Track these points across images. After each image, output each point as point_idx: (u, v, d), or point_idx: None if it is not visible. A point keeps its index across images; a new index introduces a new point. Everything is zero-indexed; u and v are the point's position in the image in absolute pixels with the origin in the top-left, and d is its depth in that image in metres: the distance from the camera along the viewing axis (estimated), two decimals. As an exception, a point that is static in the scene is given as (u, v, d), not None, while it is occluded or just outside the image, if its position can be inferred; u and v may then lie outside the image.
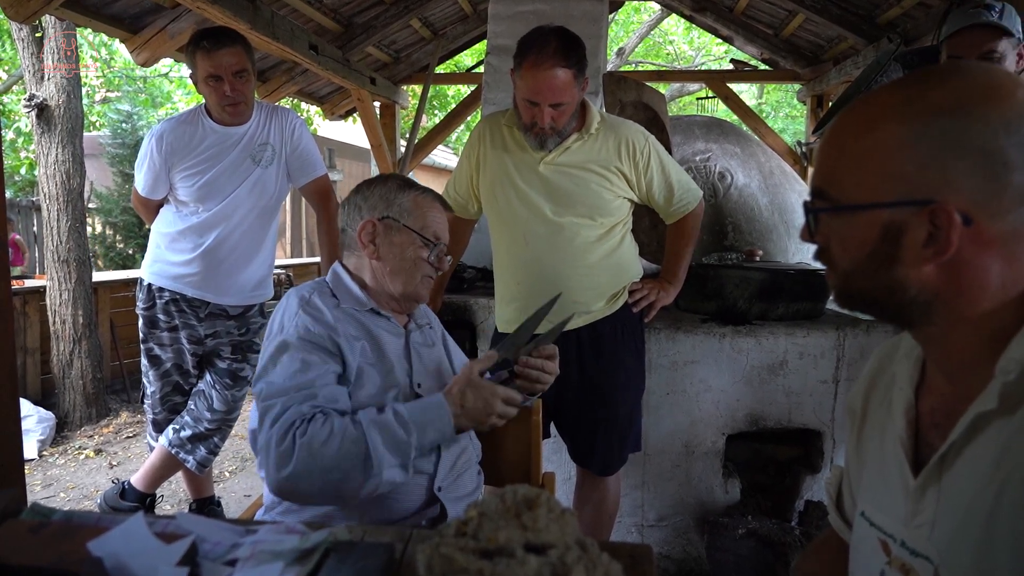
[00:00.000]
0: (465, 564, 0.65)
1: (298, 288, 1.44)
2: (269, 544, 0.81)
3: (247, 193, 2.44)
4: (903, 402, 0.80)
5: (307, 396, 1.26)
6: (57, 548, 0.79)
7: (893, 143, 0.69)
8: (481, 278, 2.92)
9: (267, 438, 1.24)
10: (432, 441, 1.31)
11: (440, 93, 10.42)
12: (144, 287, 2.53)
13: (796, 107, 12.81)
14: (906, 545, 0.76)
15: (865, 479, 0.86)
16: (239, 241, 2.48)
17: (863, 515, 0.84)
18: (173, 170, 2.42)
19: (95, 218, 8.40)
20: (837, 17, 4.20)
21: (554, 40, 1.81)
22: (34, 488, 3.57)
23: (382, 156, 5.68)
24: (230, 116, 2.38)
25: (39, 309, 4.77)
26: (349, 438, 1.23)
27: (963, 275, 0.68)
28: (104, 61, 10.60)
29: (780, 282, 2.47)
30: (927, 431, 0.78)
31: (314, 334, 1.32)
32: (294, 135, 2.51)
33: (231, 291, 2.52)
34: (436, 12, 5.13)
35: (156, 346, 2.52)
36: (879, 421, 0.85)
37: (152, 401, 2.57)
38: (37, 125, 4.45)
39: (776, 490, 2.58)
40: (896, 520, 0.78)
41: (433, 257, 1.47)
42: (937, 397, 0.78)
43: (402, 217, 1.45)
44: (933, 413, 0.77)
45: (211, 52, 2.28)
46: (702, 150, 3.55)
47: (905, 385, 0.81)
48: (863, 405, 0.90)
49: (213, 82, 2.31)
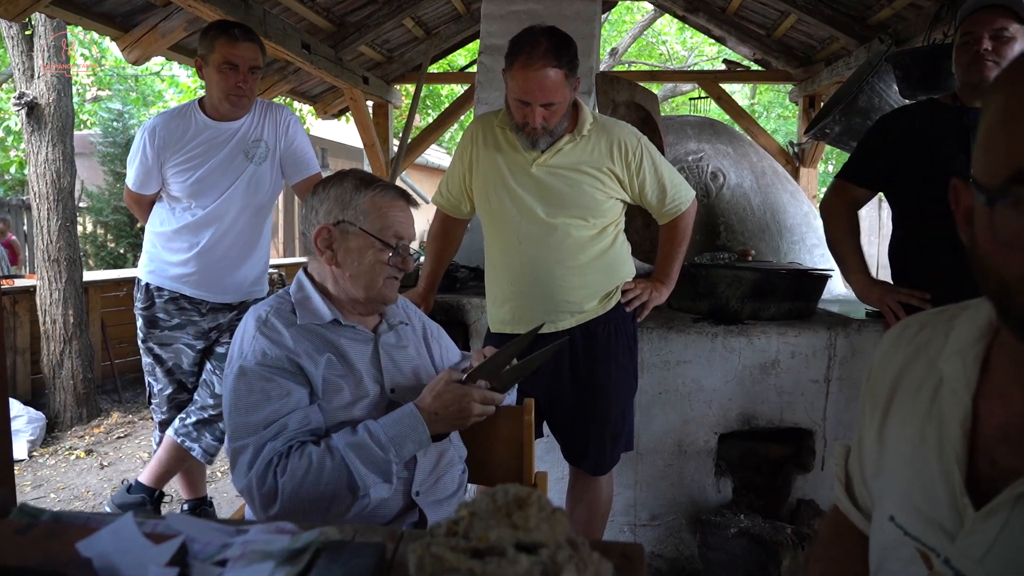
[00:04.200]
0: (456, 563, 0.65)
1: (256, 307, 1.39)
2: (260, 544, 0.80)
3: (242, 191, 2.44)
4: (959, 411, 0.72)
5: (278, 429, 1.23)
6: (45, 548, 0.78)
7: None
8: (474, 278, 2.92)
9: (247, 483, 1.22)
10: (411, 452, 1.30)
11: (433, 92, 10.41)
12: (142, 287, 2.51)
13: (788, 107, 12.86)
14: (951, 564, 0.70)
15: (891, 477, 0.80)
16: (235, 239, 2.47)
17: (893, 520, 0.78)
18: (165, 165, 2.41)
19: (86, 217, 8.35)
20: (829, 18, 4.22)
21: (545, 40, 1.81)
22: (24, 489, 3.55)
23: (375, 155, 5.67)
24: (231, 107, 2.38)
25: (29, 309, 4.74)
26: (329, 466, 1.21)
27: None
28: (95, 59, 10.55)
29: (772, 282, 2.48)
30: (991, 446, 0.70)
31: (271, 358, 1.28)
32: (288, 131, 2.50)
33: (229, 289, 2.51)
34: (429, 11, 5.12)
35: (157, 345, 2.51)
36: (913, 417, 0.78)
37: (159, 399, 2.55)
38: (27, 123, 4.42)
39: (768, 489, 2.59)
40: (938, 533, 0.72)
41: (395, 258, 1.39)
42: (1012, 410, 0.69)
43: (358, 220, 1.37)
44: (1007, 427, 0.69)
45: (236, 42, 2.31)
46: (695, 150, 3.56)
47: (960, 388, 0.72)
48: (890, 392, 0.83)
49: (228, 69, 2.32)
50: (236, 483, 1.26)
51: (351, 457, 1.23)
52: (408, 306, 1.61)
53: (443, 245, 2.29)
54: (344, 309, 1.42)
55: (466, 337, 2.58)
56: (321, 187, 1.44)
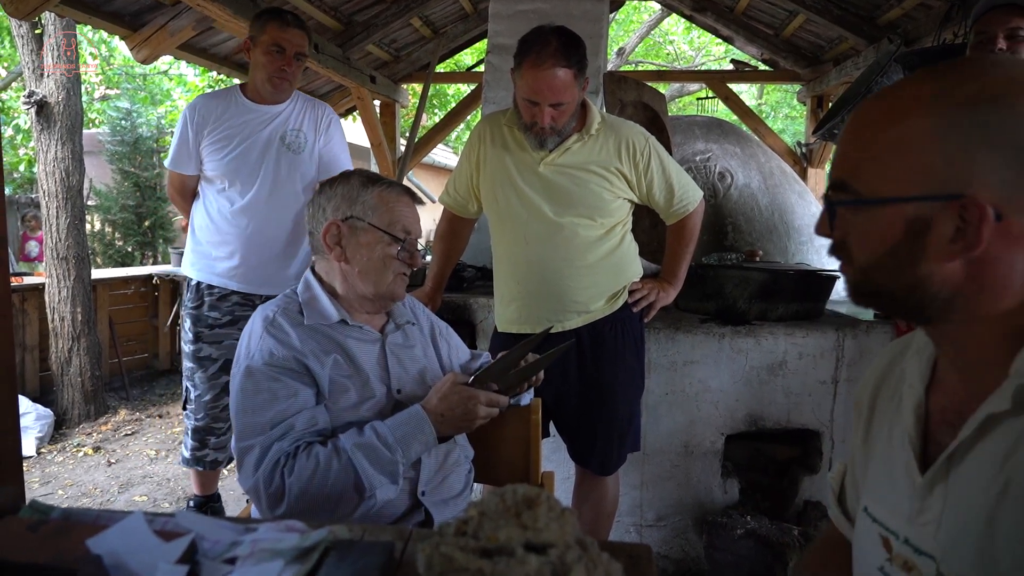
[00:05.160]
0: (465, 563, 0.65)
1: (264, 307, 1.39)
2: (269, 542, 0.81)
3: (280, 176, 2.44)
4: (913, 399, 0.79)
5: (285, 430, 1.24)
6: (55, 545, 0.79)
7: (922, 135, 0.67)
8: (480, 277, 2.92)
9: (254, 483, 1.22)
10: (418, 453, 1.30)
11: (440, 92, 10.42)
12: (192, 286, 2.51)
13: (795, 107, 12.82)
14: (909, 542, 0.75)
15: (870, 475, 0.85)
16: (277, 229, 2.46)
17: (866, 511, 0.83)
18: (202, 143, 2.43)
19: (94, 215, 8.38)
20: (838, 18, 4.20)
21: (554, 40, 1.81)
22: (32, 485, 3.57)
23: (382, 155, 5.68)
24: (272, 89, 2.41)
25: (38, 306, 4.77)
26: (336, 467, 1.22)
27: (987, 272, 0.67)
28: (104, 58, 10.59)
29: (780, 282, 2.47)
30: (937, 429, 0.76)
31: (279, 358, 1.28)
32: (329, 128, 2.55)
33: (276, 281, 2.46)
34: (437, 11, 5.13)
35: (206, 345, 2.48)
36: (888, 418, 0.84)
37: (196, 405, 2.51)
38: (36, 122, 4.44)
39: (775, 490, 2.58)
40: (900, 517, 0.77)
41: (404, 253, 1.40)
42: (949, 395, 0.76)
43: (367, 215, 1.38)
44: (944, 411, 0.76)
45: (286, 27, 2.37)
46: (702, 150, 3.55)
47: (916, 382, 0.79)
48: (871, 401, 0.89)
49: (275, 51, 2.36)
50: (243, 483, 1.26)
51: (358, 457, 1.23)
52: (416, 305, 1.61)
53: (450, 244, 2.29)
54: (352, 309, 1.42)
55: (473, 336, 2.58)
56: (327, 186, 1.45)
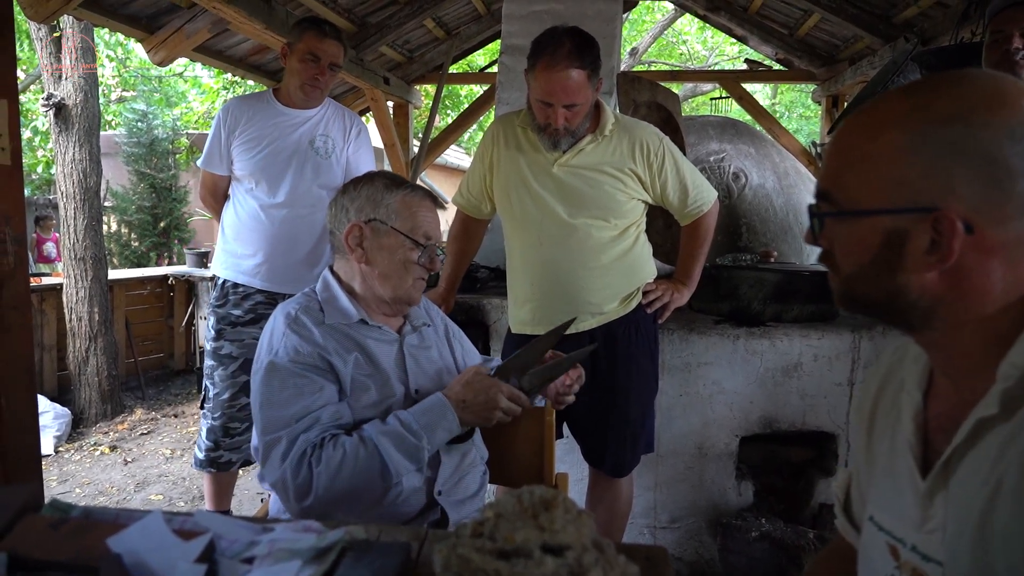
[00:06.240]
0: (482, 564, 0.65)
1: (285, 304, 1.40)
2: (286, 542, 0.81)
3: (307, 178, 2.49)
4: (912, 406, 0.80)
5: (311, 422, 1.25)
6: (76, 544, 0.80)
7: (897, 149, 0.69)
8: (494, 278, 2.92)
9: (281, 474, 1.23)
10: (442, 440, 1.31)
11: (453, 93, 10.43)
12: (218, 285, 2.55)
13: (810, 107, 12.73)
14: (917, 550, 0.75)
15: (875, 483, 0.86)
16: (304, 229, 2.50)
17: (872, 520, 0.83)
18: (233, 143, 2.48)
19: (111, 216, 8.47)
20: (853, 16, 4.16)
21: (568, 41, 1.81)
22: (50, 483, 3.61)
23: (395, 156, 5.69)
24: (304, 96, 2.48)
25: (56, 306, 4.82)
26: (363, 455, 1.23)
27: (965, 281, 0.69)
28: (120, 61, 10.69)
29: (795, 283, 2.45)
30: (935, 436, 0.77)
31: (303, 355, 1.29)
32: (358, 137, 2.61)
33: (299, 281, 2.44)
34: (450, 12, 5.13)
35: (228, 343, 2.50)
36: (889, 425, 0.85)
37: (213, 404, 2.52)
38: (54, 124, 4.50)
39: (790, 493, 2.57)
40: (906, 524, 0.77)
41: (424, 258, 1.41)
42: (943, 402, 0.77)
43: (390, 219, 1.39)
44: (940, 418, 0.77)
45: (324, 37, 2.44)
46: (716, 150, 3.53)
47: (914, 389, 0.80)
48: (872, 408, 0.90)
49: (310, 60, 2.43)
50: (268, 476, 1.26)
51: (384, 443, 1.24)
52: (431, 307, 1.62)
53: (463, 246, 2.29)
54: (370, 310, 1.43)
55: (486, 338, 2.58)
56: (352, 186, 1.45)
